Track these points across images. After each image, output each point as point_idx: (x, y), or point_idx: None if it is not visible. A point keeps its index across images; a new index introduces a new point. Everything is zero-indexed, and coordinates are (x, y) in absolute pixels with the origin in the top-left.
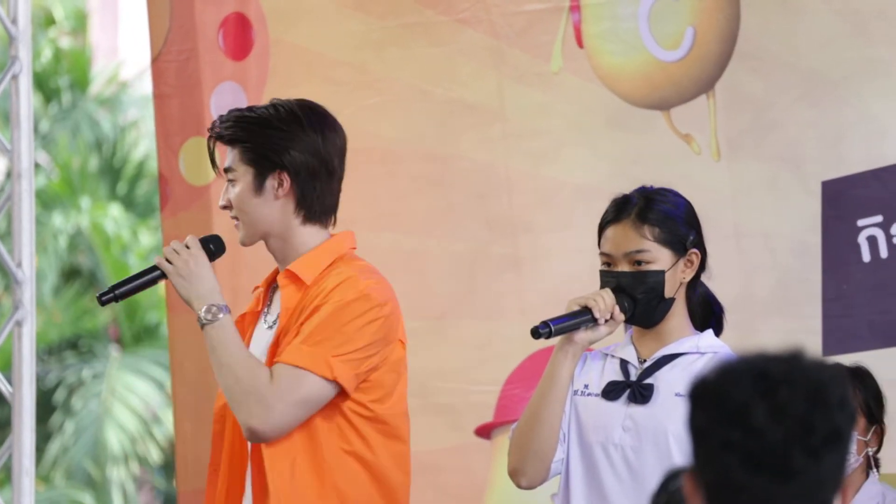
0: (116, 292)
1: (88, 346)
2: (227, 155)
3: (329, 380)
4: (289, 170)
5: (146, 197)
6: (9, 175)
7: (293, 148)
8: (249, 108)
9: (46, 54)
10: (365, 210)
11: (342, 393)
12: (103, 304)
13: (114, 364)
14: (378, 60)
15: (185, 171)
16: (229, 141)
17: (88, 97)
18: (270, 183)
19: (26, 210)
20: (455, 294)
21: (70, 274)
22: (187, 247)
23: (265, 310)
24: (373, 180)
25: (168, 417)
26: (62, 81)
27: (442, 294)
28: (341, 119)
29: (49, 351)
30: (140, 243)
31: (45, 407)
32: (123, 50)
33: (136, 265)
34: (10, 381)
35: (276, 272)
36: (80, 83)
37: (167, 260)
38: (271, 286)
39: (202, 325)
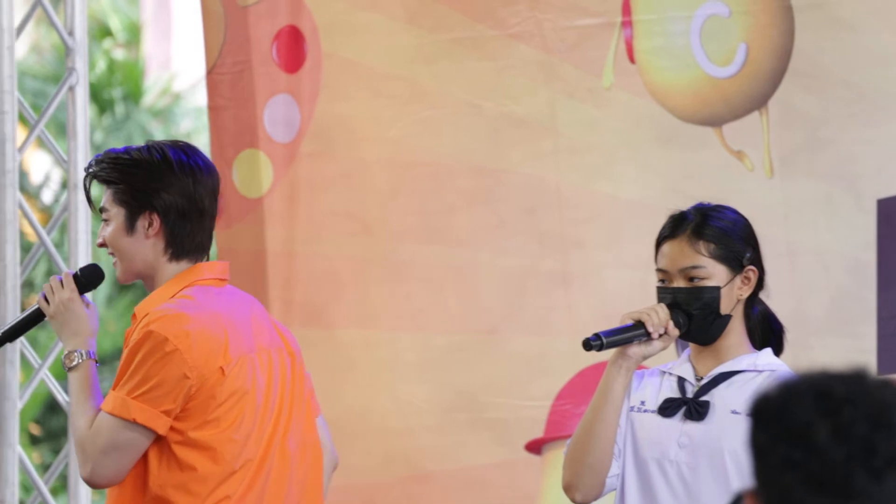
0: (6, 333)
1: None
2: (103, 195)
3: (130, 421)
4: (159, 211)
5: None
6: (65, 186)
7: (164, 190)
8: (125, 150)
9: (101, 66)
10: (415, 223)
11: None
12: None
13: None
14: (429, 74)
15: (239, 183)
16: (104, 181)
17: (142, 108)
18: (141, 223)
19: (82, 221)
20: (505, 309)
21: (123, 284)
22: (61, 285)
23: None
24: (423, 194)
25: None
26: (116, 93)
27: (492, 308)
28: (392, 133)
29: (102, 360)
30: None
31: None
32: (177, 62)
33: None
34: (66, 390)
35: None
36: (134, 95)
37: (46, 299)
38: None
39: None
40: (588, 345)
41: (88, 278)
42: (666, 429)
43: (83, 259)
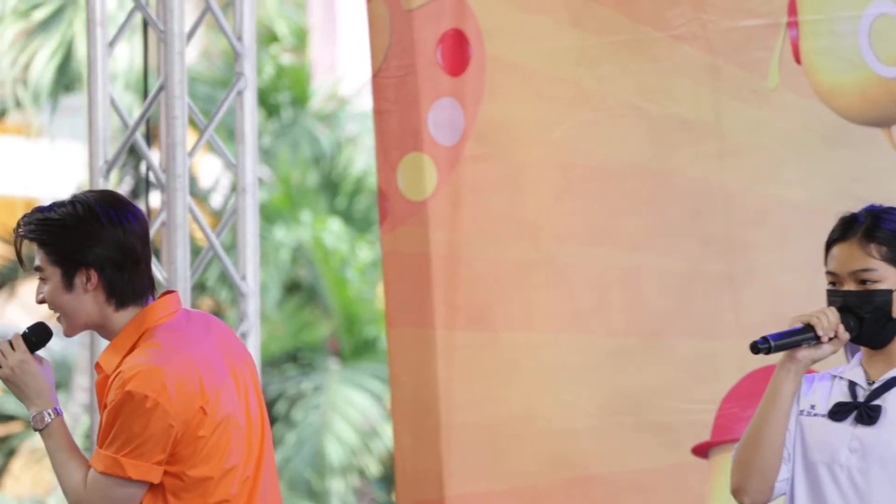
0: None
1: (308, 358)
2: (35, 253)
3: (125, 478)
4: (93, 266)
5: (365, 212)
6: (234, 189)
7: (95, 245)
8: (50, 208)
9: (268, 71)
10: (579, 226)
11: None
12: None
13: (333, 377)
14: (593, 77)
15: (403, 187)
16: (34, 241)
17: (308, 113)
18: (79, 279)
19: (250, 224)
20: (670, 311)
21: (292, 287)
22: (12, 348)
23: None
24: (587, 197)
25: (386, 431)
26: (283, 97)
27: (656, 311)
28: (556, 135)
29: (270, 363)
30: (358, 257)
31: (269, 418)
32: (342, 66)
33: (354, 279)
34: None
35: None
36: (301, 99)
37: None
38: None
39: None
40: (756, 348)
41: (38, 336)
42: (836, 433)
43: (252, 262)
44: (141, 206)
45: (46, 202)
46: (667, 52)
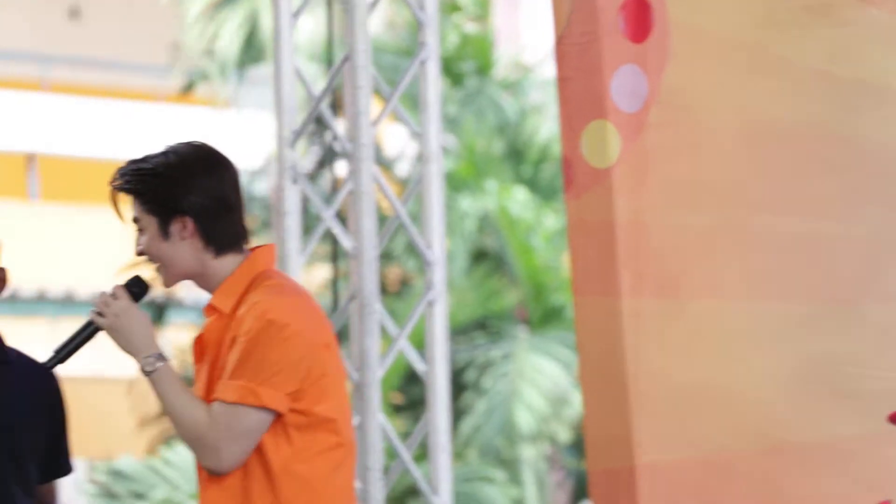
0: (61, 355)
1: (497, 326)
2: (132, 205)
3: (260, 408)
4: (189, 213)
5: (549, 179)
6: (419, 158)
7: (189, 193)
8: (143, 159)
9: (452, 39)
10: (766, 192)
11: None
12: (51, 368)
13: (522, 345)
14: (779, 41)
15: (587, 154)
16: (129, 193)
17: (492, 81)
18: (174, 227)
19: (436, 193)
20: (861, 278)
21: (478, 255)
22: (115, 297)
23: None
24: (773, 162)
25: (575, 398)
26: (467, 66)
27: (847, 277)
28: (742, 101)
29: (458, 331)
30: (544, 225)
31: (457, 386)
32: (525, 34)
33: (540, 247)
34: (424, 359)
35: None
36: (484, 68)
37: (100, 314)
38: None
39: (146, 376)
40: None
41: (138, 287)
42: None
43: (438, 231)
44: (327, 175)
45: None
46: (855, 16)
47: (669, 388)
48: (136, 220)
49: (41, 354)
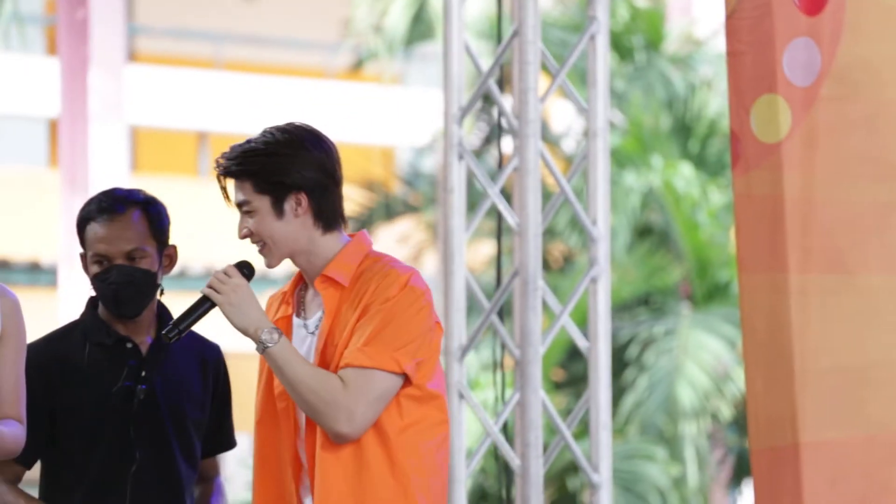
0: (180, 328)
1: (660, 302)
2: (236, 189)
3: (396, 373)
4: (303, 189)
5: (717, 155)
6: (585, 134)
7: (302, 168)
8: (249, 141)
9: (622, 14)
10: None
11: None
12: (170, 341)
13: (685, 321)
14: None
15: (757, 129)
16: (242, 175)
17: (662, 55)
18: (289, 204)
19: (601, 168)
20: None
21: (642, 232)
22: (228, 275)
23: (301, 315)
24: None
25: (739, 375)
26: (637, 40)
27: None
28: None
29: (622, 308)
30: (710, 202)
31: (619, 362)
32: (697, 8)
33: (706, 223)
34: (586, 335)
35: (299, 281)
36: (654, 42)
37: (215, 290)
38: (298, 294)
39: (263, 350)
40: None
41: (248, 270)
42: None
43: (602, 207)
44: (494, 151)
45: (402, 150)
46: None
47: (835, 366)
48: (244, 203)
49: (209, 331)
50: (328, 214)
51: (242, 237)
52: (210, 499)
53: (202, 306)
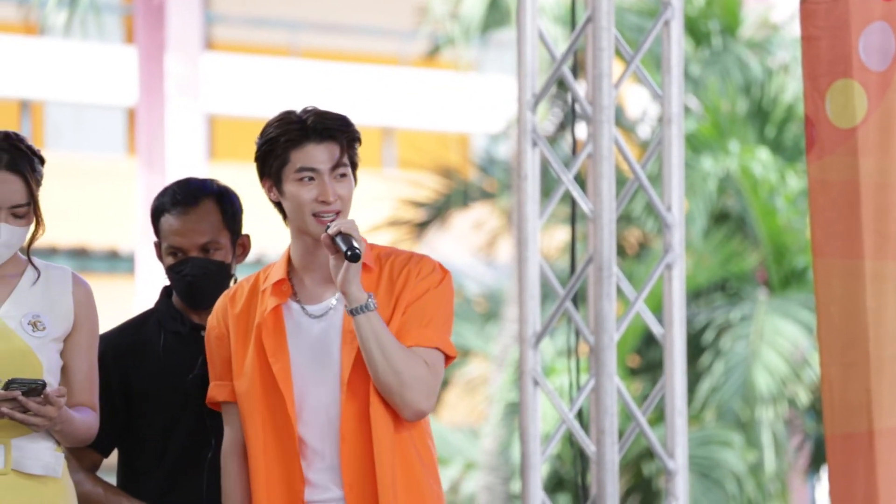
0: (356, 247)
1: (736, 288)
2: (327, 152)
3: (450, 356)
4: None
5: (794, 140)
6: (660, 120)
7: None
8: (321, 110)
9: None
10: None
11: None
12: (358, 259)
13: (761, 307)
14: None
15: (832, 114)
16: (343, 138)
17: (738, 40)
18: (355, 178)
19: (676, 154)
20: None
21: (719, 217)
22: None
23: (299, 302)
24: None
25: (816, 360)
26: (713, 25)
27: None
28: None
29: (697, 293)
30: (788, 187)
31: (695, 348)
32: None
33: (783, 208)
34: (661, 322)
35: (288, 269)
36: (731, 27)
37: (353, 237)
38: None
39: (362, 312)
40: None
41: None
42: None
43: (677, 193)
44: (568, 138)
45: (477, 137)
46: None
47: None
48: (341, 166)
49: None
50: None
51: (333, 201)
52: None
53: (352, 247)
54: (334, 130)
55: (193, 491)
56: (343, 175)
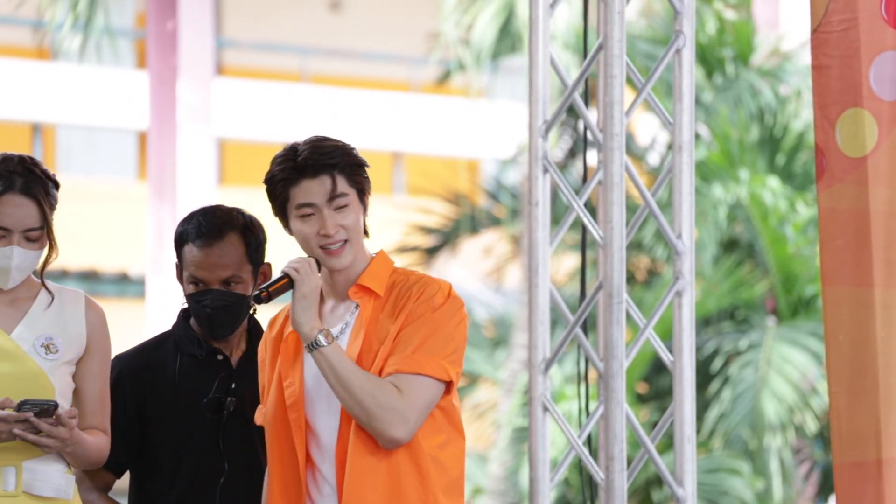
0: (270, 291)
1: (745, 316)
2: (322, 186)
3: (444, 381)
4: (368, 191)
5: (804, 168)
6: (670, 147)
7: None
8: (325, 138)
9: (710, 27)
10: None
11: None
12: (259, 303)
13: (770, 334)
14: None
15: (842, 143)
16: (340, 168)
17: (751, 68)
18: (365, 200)
19: (686, 182)
20: None
21: (728, 245)
22: (310, 268)
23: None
24: None
25: (824, 389)
26: (726, 53)
27: None
28: None
29: (706, 321)
30: (798, 215)
31: (704, 375)
32: (785, 22)
33: (792, 237)
34: (671, 349)
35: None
36: (743, 55)
37: (297, 272)
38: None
39: (315, 348)
40: None
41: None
42: None
43: (687, 220)
44: (578, 164)
45: (487, 162)
46: None
47: None
48: (341, 196)
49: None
50: (365, 221)
51: (334, 233)
52: None
53: (282, 283)
54: (326, 163)
55: None
56: (343, 206)
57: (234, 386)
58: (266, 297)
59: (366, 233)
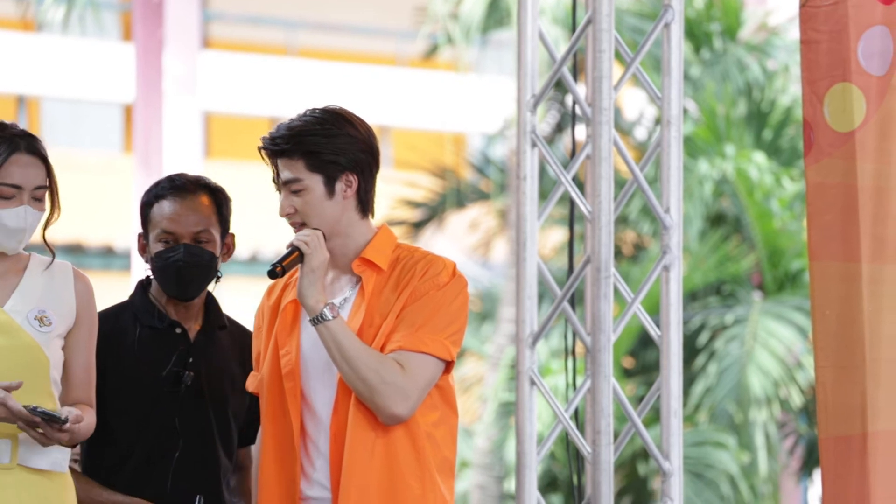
0: (284, 265)
1: (731, 290)
2: (284, 168)
3: (445, 360)
4: (355, 170)
5: (791, 144)
6: (658, 122)
7: (355, 150)
8: (300, 121)
9: (699, 1)
10: None
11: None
12: (275, 277)
13: (756, 309)
14: None
15: (830, 117)
16: (296, 153)
17: (738, 43)
18: (340, 185)
19: (674, 157)
20: None
21: (715, 220)
22: (318, 241)
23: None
24: None
25: (809, 363)
26: (713, 28)
27: None
28: None
29: (693, 295)
30: (784, 190)
31: (690, 350)
32: None
33: (778, 212)
34: (658, 324)
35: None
36: (731, 30)
37: (306, 244)
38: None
39: (320, 322)
40: None
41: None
42: None
43: (675, 195)
44: (566, 139)
45: (473, 136)
46: None
47: None
48: (293, 182)
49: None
50: (367, 199)
51: (285, 215)
52: (247, 487)
53: (293, 257)
54: (278, 150)
55: (158, 490)
56: (298, 190)
57: (191, 360)
58: (281, 271)
59: (371, 211)
